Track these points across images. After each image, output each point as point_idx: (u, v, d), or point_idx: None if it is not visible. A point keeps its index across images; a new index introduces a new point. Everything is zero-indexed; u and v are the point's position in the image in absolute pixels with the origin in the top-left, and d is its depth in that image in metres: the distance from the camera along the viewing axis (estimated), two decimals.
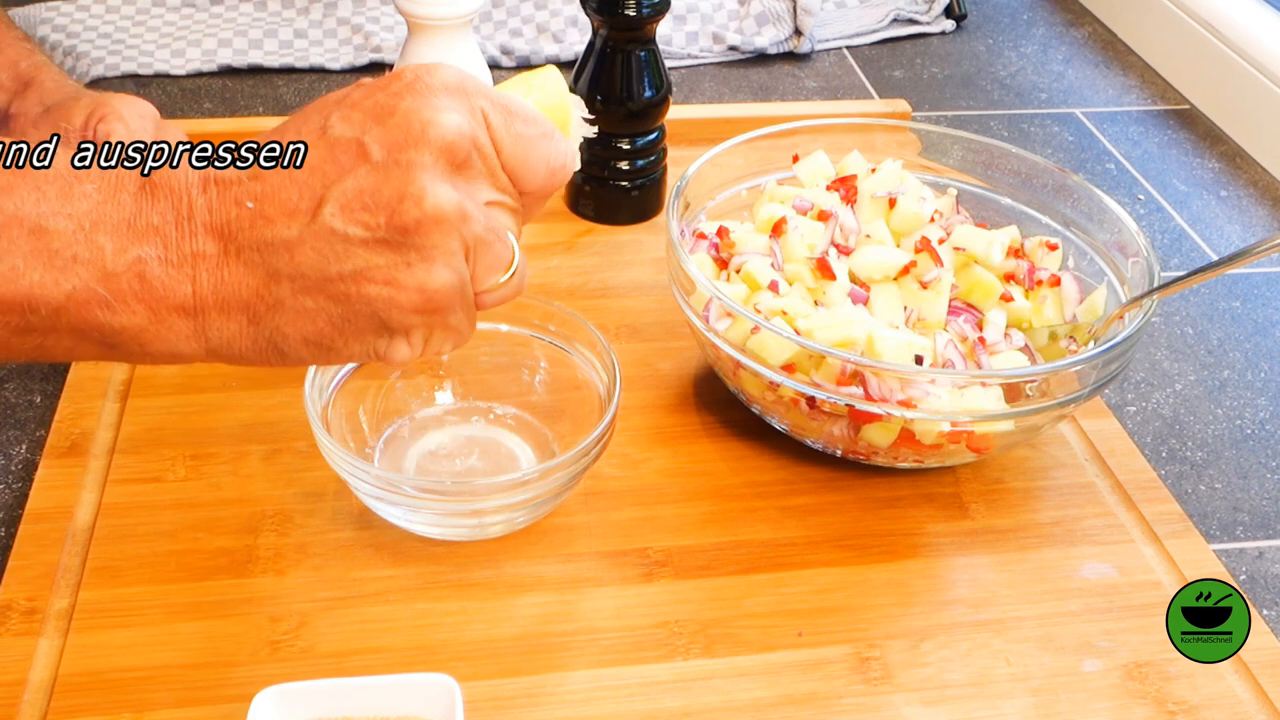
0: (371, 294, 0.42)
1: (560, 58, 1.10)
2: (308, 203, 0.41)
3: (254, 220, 0.41)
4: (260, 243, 0.41)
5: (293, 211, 0.41)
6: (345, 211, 0.41)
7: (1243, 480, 0.72)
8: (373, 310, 0.42)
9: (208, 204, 0.41)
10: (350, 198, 0.41)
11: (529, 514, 0.60)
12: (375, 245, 0.41)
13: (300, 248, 0.41)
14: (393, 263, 0.41)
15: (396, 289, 0.42)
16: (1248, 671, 0.57)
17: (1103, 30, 1.26)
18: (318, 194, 0.41)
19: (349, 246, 0.41)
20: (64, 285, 0.40)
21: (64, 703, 0.53)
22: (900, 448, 0.63)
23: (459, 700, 0.50)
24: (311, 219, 0.41)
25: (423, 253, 0.42)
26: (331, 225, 0.41)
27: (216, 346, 0.43)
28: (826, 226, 0.70)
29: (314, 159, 0.42)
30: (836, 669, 0.56)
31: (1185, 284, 0.64)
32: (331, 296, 0.42)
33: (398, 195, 0.41)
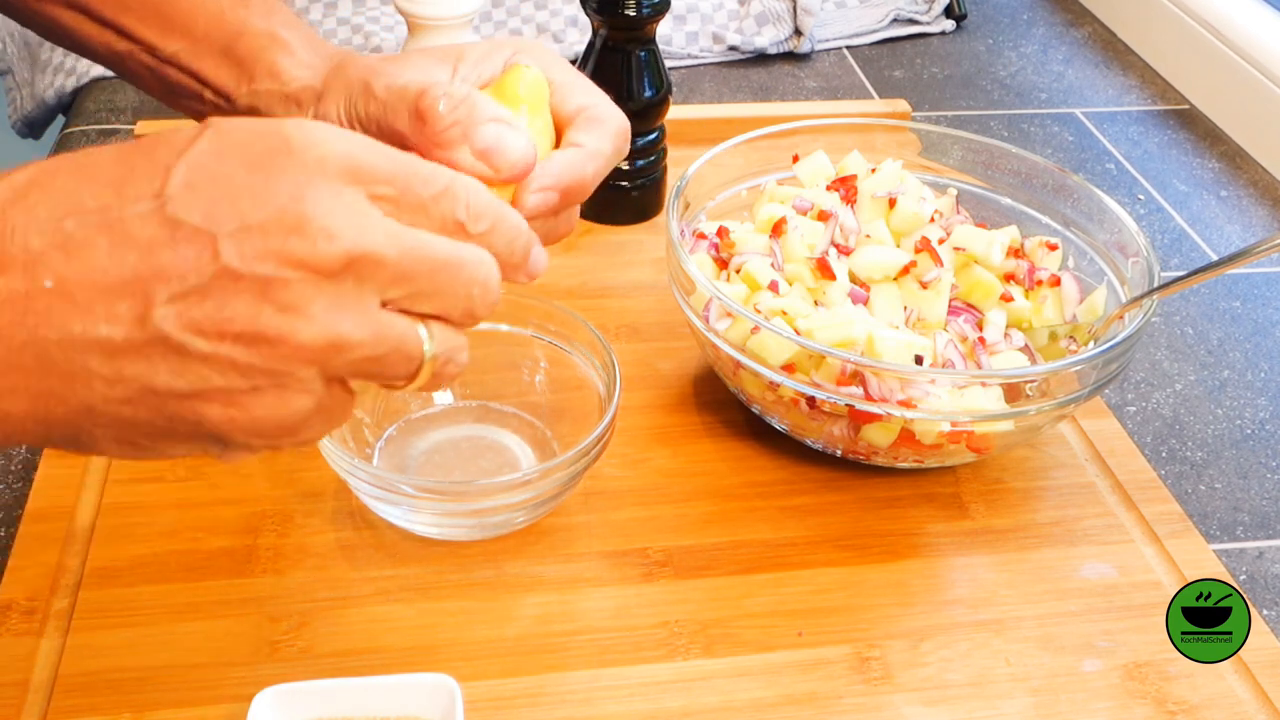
0: (207, 414, 0.35)
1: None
2: (135, 298, 0.33)
3: (54, 305, 0.33)
4: (63, 335, 0.33)
5: (112, 303, 0.33)
6: (186, 322, 0.33)
7: (1243, 480, 0.72)
8: (199, 431, 0.35)
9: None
10: (193, 304, 0.33)
11: (529, 514, 0.60)
12: (219, 364, 0.34)
13: (122, 355, 0.33)
14: (237, 386, 0.34)
15: (238, 412, 0.35)
16: (1248, 671, 0.57)
17: (1103, 30, 1.26)
18: (147, 289, 0.33)
19: (186, 362, 0.34)
20: None
21: (64, 703, 0.53)
22: (900, 448, 0.63)
23: (459, 700, 0.50)
24: (139, 321, 0.33)
25: (276, 379, 0.35)
26: (165, 331, 0.33)
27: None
28: (826, 226, 0.70)
29: (146, 238, 0.33)
30: (836, 669, 0.56)
31: (1185, 284, 0.64)
32: (156, 410, 0.35)
33: (252, 315, 0.33)
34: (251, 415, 0.35)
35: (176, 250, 0.33)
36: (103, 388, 0.34)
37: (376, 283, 0.35)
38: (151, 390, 0.34)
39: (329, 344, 0.35)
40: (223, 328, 0.33)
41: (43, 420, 0.34)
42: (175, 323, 0.33)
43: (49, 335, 0.33)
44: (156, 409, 0.35)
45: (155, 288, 0.33)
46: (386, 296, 0.36)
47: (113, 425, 0.35)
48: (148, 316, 0.33)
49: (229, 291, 0.33)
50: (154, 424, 0.35)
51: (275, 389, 0.35)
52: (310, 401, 0.36)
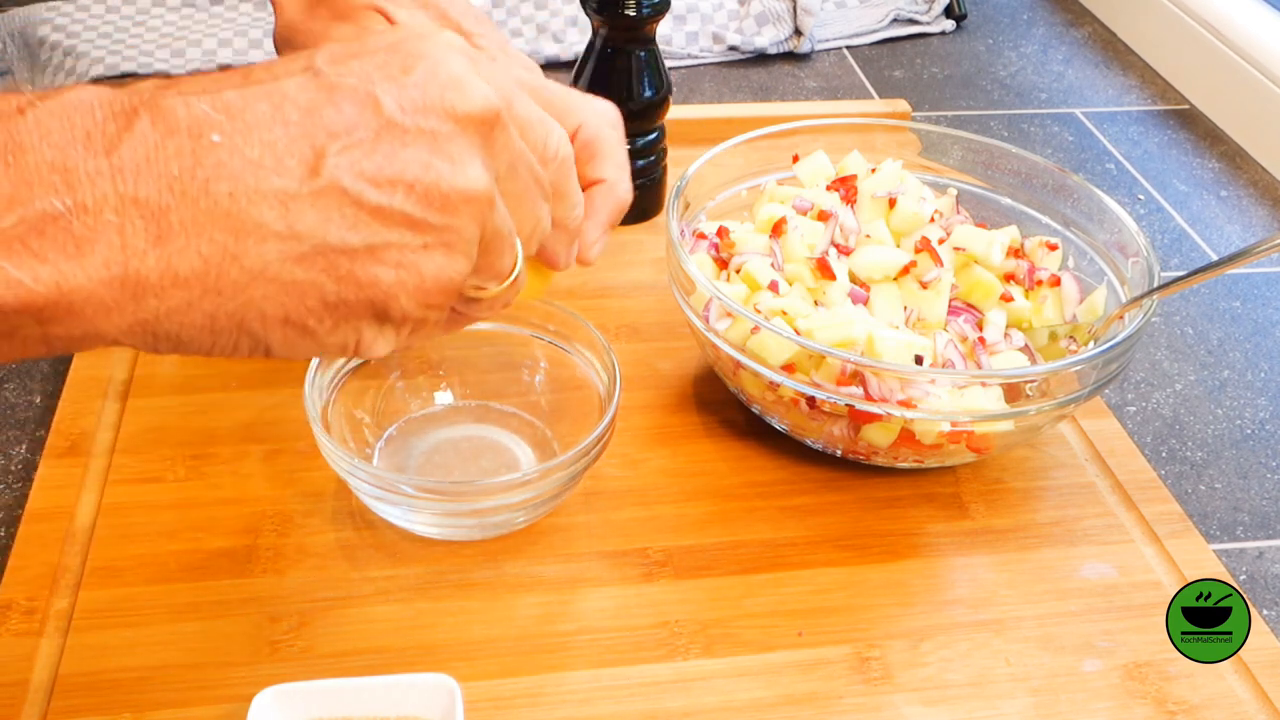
0: (380, 277, 0.34)
1: (560, 58, 1.10)
2: (302, 150, 0.33)
3: (225, 155, 0.32)
4: (237, 183, 0.32)
5: (281, 156, 0.33)
6: (359, 170, 0.33)
7: (1243, 480, 0.72)
8: (373, 296, 0.35)
9: (142, 137, 0.32)
10: (364, 154, 0.33)
11: (529, 514, 0.60)
12: (392, 218, 0.34)
13: (296, 204, 0.33)
14: (408, 243, 0.34)
15: (409, 273, 0.35)
16: (1248, 671, 0.57)
17: (1103, 30, 1.26)
18: (316, 142, 0.33)
19: (360, 214, 0.33)
20: None
21: (64, 703, 0.53)
22: (900, 448, 0.63)
23: (459, 700, 0.50)
24: (311, 171, 0.33)
25: (443, 237, 0.35)
26: (338, 180, 0.33)
27: (150, 322, 0.33)
28: (826, 226, 0.70)
29: (306, 99, 0.33)
30: (836, 669, 0.56)
31: (1185, 284, 0.64)
32: (329, 270, 0.34)
33: (424, 163, 0.34)
34: (421, 275, 0.35)
35: (339, 109, 0.33)
36: (276, 244, 0.33)
37: (508, 160, 0.36)
38: (325, 247, 0.33)
39: (488, 193, 0.35)
40: (395, 178, 0.33)
41: (213, 288, 0.33)
42: (348, 172, 0.33)
43: (221, 188, 0.32)
44: (329, 268, 0.34)
45: (325, 142, 0.33)
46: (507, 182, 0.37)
47: (283, 294, 0.34)
48: (319, 167, 0.33)
49: (398, 143, 0.33)
50: (324, 291, 0.34)
51: (443, 247, 0.35)
52: (466, 270, 0.36)
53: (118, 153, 0.31)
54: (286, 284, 0.34)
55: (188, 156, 0.32)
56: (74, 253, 0.31)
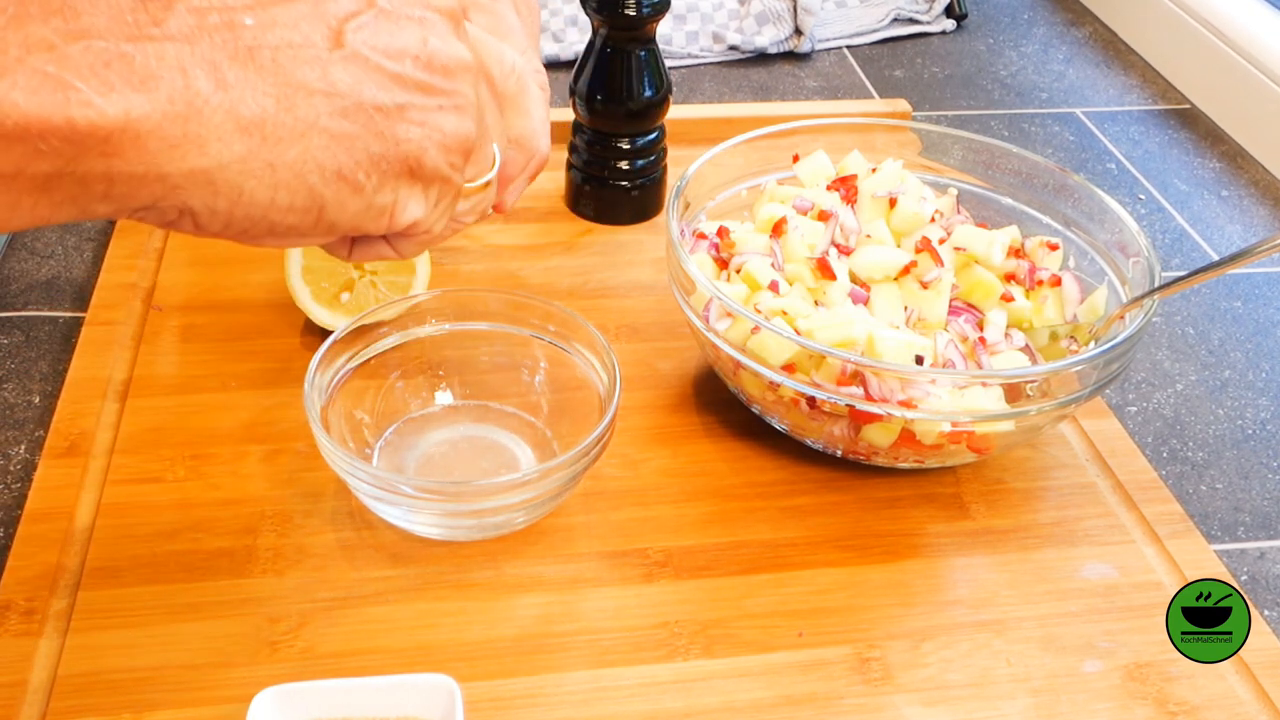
0: (410, 134, 0.39)
1: (560, 57, 1.10)
2: (321, 29, 0.37)
3: (261, 32, 0.36)
4: (279, 49, 0.36)
5: (307, 33, 0.37)
6: (369, 44, 0.37)
7: (1244, 480, 0.72)
8: (406, 151, 0.39)
9: (183, 16, 0.34)
10: (372, 32, 0.38)
11: (529, 514, 0.60)
12: (409, 83, 0.38)
13: (332, 66, 0.37)
14: (425, 104, 0.39)
15: (432, 130, 0.39)
16: (1248, 672, 0.57)
17: (1103, 30, 1.26)
18: (331, 23, 0.37)
19: (384, 77, 0.38)
20: (16, 82, 0.32)
21: (64, 703, 0.53)
22: (900, 448, 0.63)
23: (459, 700, 0.50)
24: (335, 43, 0.37)
25: (452, 99, 0.40)
26: (361, 52, 0.37)
27: (213, 168, 0.35)
28: (827, 226, 0.70)
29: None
30: (837, 669, 0.56)
31: (1186, 284, 0.64)
32: (370, 126, 0.38)
33: (421, 39, 0.39)
34: (442, 130, 0.40)
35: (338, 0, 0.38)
36: (323, 99, 0.37)
37: (483, 48, 0.43)
38: (362, 102, 0.37)
39: (479, 65, 0.41)
40: (402, 51, 0.38)
41: (272, 136, 0.36)
42: (364, 45, 0.37)
43: (264, 54, 0.35)
44: (368, 124, 0.38)
45: (338, 23, 0.37)
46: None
47: (335, 144, 0.37)
48: (341, 39, 0.37)
49: (395, 25, 0.38)
50: (369, 145, 0.38)
51: (454, 109, 0.40)
52: (475, 128, 0.41)
53: (165, 25, 0.34)
54: (336, 135, 0.37)
55: (227, 31, 0.35)
56: (139, 85, 0.33)
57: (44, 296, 0.79)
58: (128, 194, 0.35)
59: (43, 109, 0.32)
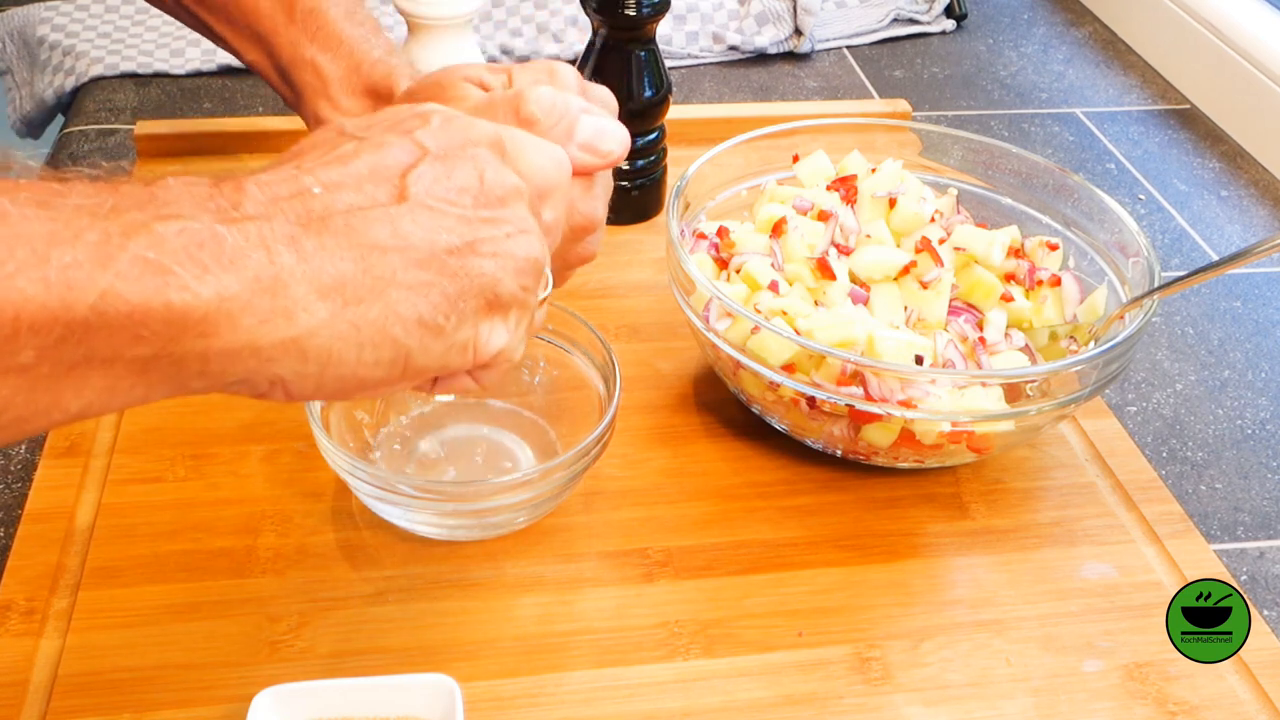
0: (484, 268, 0.40)
1: (560, 57, 1.10)
2: (388, 186, 0.39)
3: (330, 198, 0.38)
4: (349, 216, 0.38)
5: (372, 194, 0.39)
6: (433, 191, 0.39)
7: (1243, 480, 0.72)
8: (483, 285, 0.40)
9: (255, 195, 0.37)
10: (431, 180, 0.39)
11: (529, 514, 0.60)
12: (474, 220, 0.40)
13: (401, 220, 0.38)
14: (496, 235, 0.40)
15: (505, 259, 0.41)
16: (1248, 672, 0.57)
17: (1103, 30, 1.26)
18: (394, 179, 0.39)
19: (449, 220, 0.39)
20: (107, 267, 0.33)
21: (64, 703, 0.53)
22: (900, 448, 0.63)
23: (459, 700, 0.50)
24: (399, 197, 0.39)
25: (517, 225, 0.41)
26: (425, 202, 0.39)
27: (303, 335, 0.36)
28: (826, 226, 0.70)
29: (366, 155, 0.40)
30: (837, 669, 0.56)
31: (1186, 284, 0.64)
32: (444, 270, 0.39)
33: (477, 175, 0.40)
34: (514, 256, 0.41)
35: (394, 153, 0.40)
36: (397, 255, 0.38)
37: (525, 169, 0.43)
38: (435, 248, 0.39)
39: (534, 190, 0.43)
40: (461, 189, 0.40)
41: (354, 298, 0.37)
42: (426, 193, 0.39)
43: (337, 220, 0.37)
44: (443, 268, 0.39)
45: (397, 176, 0.39)
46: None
47: (413, 295, 0.39)
48: (404, 193, 0.39)
49: (449, 167, 0.40)
50: (445, 288, 0.39)
51: (521, 233, 0.41)
52: (544, 248, 0.42)
53: (242, 207, 0.36)
54: (414, 286, 0.39)
55: (299, 204, 0.37)
56: (229, 265, 0.35)
57: None
58: (222, 370, 0.36)
59: (144, 295, 0.33)
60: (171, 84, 1.05)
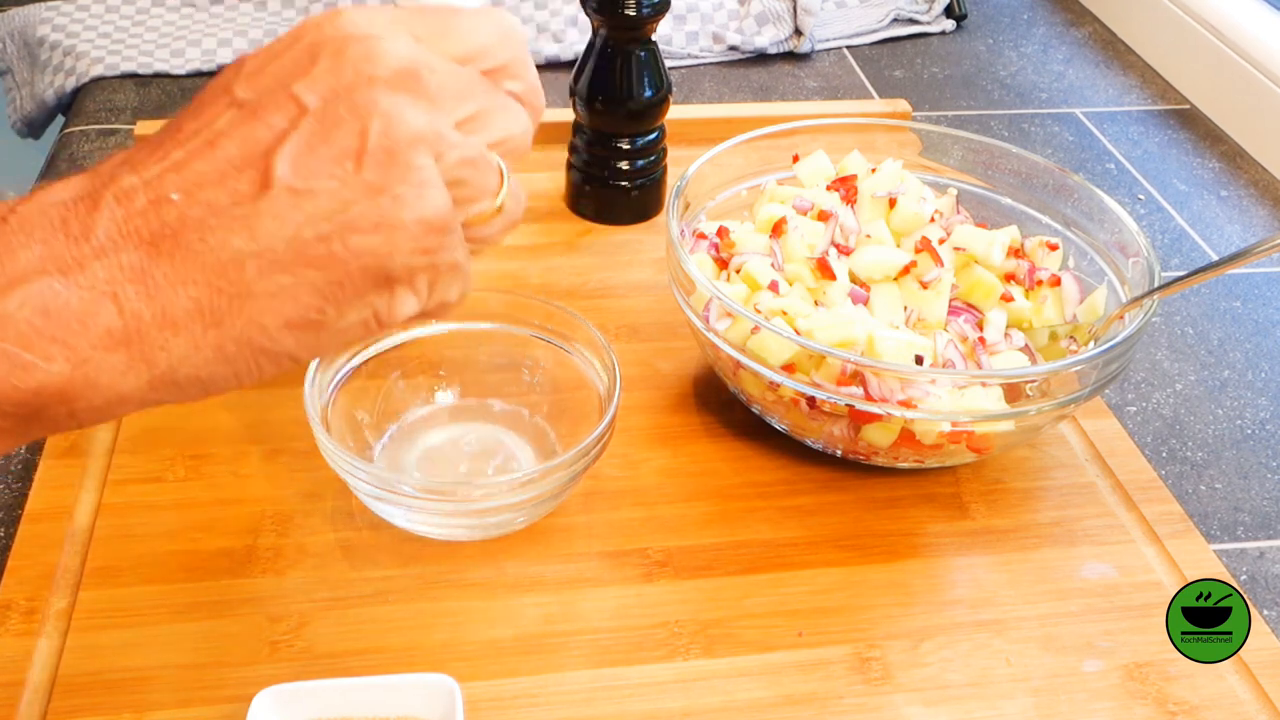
0: (363, 246, 0.35)
1: (560, 58, 1.10)
2: (251, 173, 0.35)
3: (186, 206, 0.34)
4: (203, 226, 0.34)
5: (234, 185, 0.35)
6: (302, 167, 0.35)
7: (1243, 480, 0.72)
8: (366, 264, 0.36)
9: (110, 214, 0.34)
10: (302, 150, 0.35)
11: (529, 514, 0.60)
12: (351, 191, 0.35)
13: (259, 219, 0.34)
14: (378, 205, 0.35)
15: (391, 230, 0.36)
16: (1248, 672, 0.57)
17: (1103, 30, 1.26)
18: (259, 161, 0.35)
19: (318, 201, 0.35)
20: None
21: (64, 703, 0.53)
22: (900, 448, 0.63)
23: (459, 700, 0.50)
24: (262, 186, 0.35)
25: (408, 181, 0.35)
26: (291, 185, 0.35)
27: (167, 373, 0.35)
28: (826, 226, 0.70)
29: (237, 128, 0.35)
30: (836, 669, 0.56)
31: (1185, 284, 0.64)
32: (313, 263, 0.35)
33: (359, 130, 0.35)
34: (402, 223, 0.36)
35: (268, 122, 0.35)
36: (253, 262, 0.35)
37: (445, 97, 0.37)
38: (296, 243, 0.35)
39: (433, 130, 0.36)
40: (339, 158, 0.35)
41: (211, 322, 0.35)
42: (293, 172, 0.35)
43: (190, 236, 0.34)
44: (309, 261, 0.35)
45: (264, 157, 0.35)
46: (455, 116, 0.37)
47: (274, 301, 0.35)
48: (268, 179, 0.34)
49: (330, 127, 0.35)
50: (314, 282, 0.35)
51: (415, 191, 0.36)
52: (446, 199, 0.37)
53: (94, 233, 0.34)
54: (274, 292, 0.35)
55: (154, 218, 0.34)
56: (78, 330, 0.33)
57: None
58: (99, 418, 0.35)
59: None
60: (171, 84, 1.05)
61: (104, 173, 0.36)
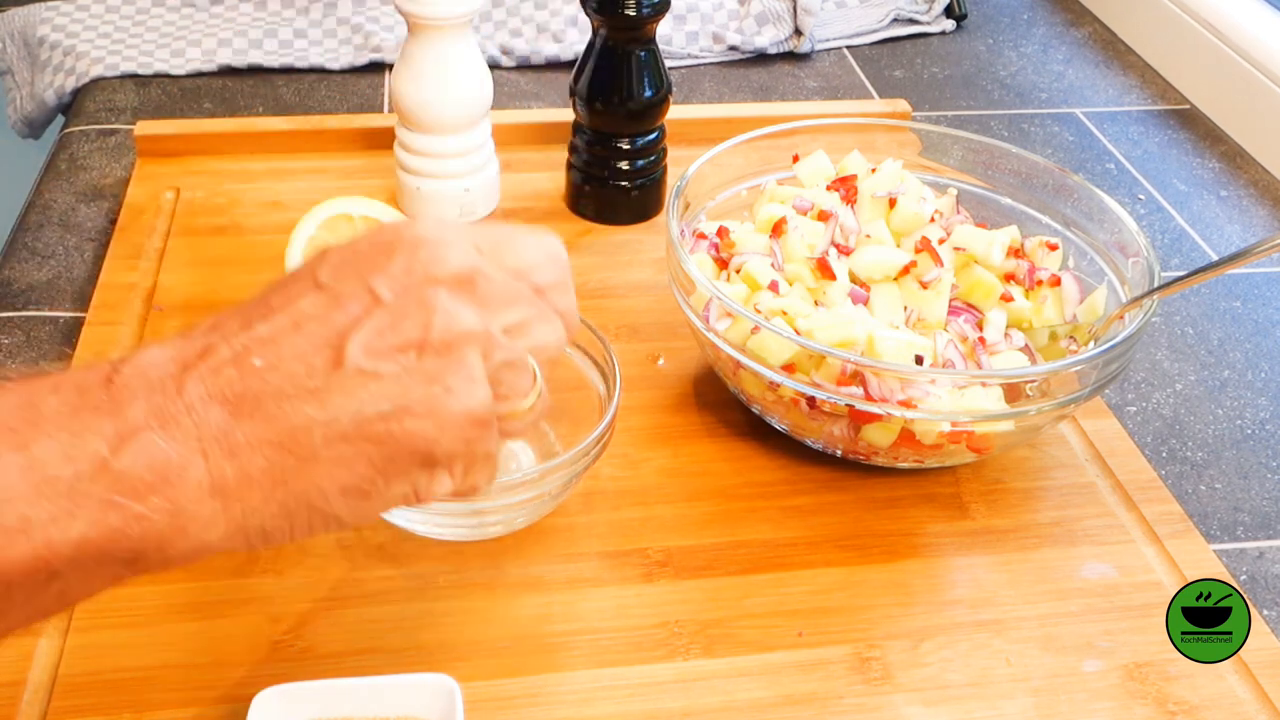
0: (415, 429, 0.40)
1: (560, 58, 1.10)
2: (327, 351, 0.39)
3: (266, 375, 0.39)
4: (280, 394, 0.39)
5: (310, 361, 0.39)
6: (371, 351, 0.39)
7: (1243, 480, 0.72)
8: (416, 445, 0.40)
9: (199, 376, 0.38)
10: (373, 336, 0.39)
11: (529, 514, 0.60)
12: (410, 378, 0.39)
13: (329, 394, 0.39)
14: (432, 393, 0.40)
15: (441, 417, 0.40)
16: (1248, 672, 0.57)
17: (1103, 30, 1.26)
18: (334, 341, 0.39)
19: (383, 384, 0.39)
20: (77, 515, 0.36)
21: (64, 703, 0.53)
22: (900, 448, 0.63)
23: (459, 700, 0.50)
24: (334, 364, 0.39)
25: (459, 375, 0.40)
26: (360, 366, 0.39)
27: (241, 523, 0.39)
28: (826, 226, 0.70)
29: (318, 311, 0.40)
30: (836, 669, 0.56)
31: (1185, 284, 0.64)
32: (371, 438, 0.39)
33: (423, 324, 0.40)
34: (450, 413, 0.40)
35: (346, 309, 0.40)
36: (321, 430, 0.38)
37: (495, 303, 0.42)
38: (361, 419, 0.39)
39: (485, 331, 0.41)
40: (404, 346, 0.39)
41: (279, 480, 0.39)
42: (364, 355, 0.39)
43: (269, 404, 0.38)
44: (370, 436, 0.39)
45: (340, 340, 0.39)
46: (503, 320, 0.42)
47: (335, 468, 0.39)
48: (341, 359, 0.39)
49: (398, 318, 0.39)
50: (371, 456, 0.39)
51: (464, 386, 0.40)
52: (485, 393, 0.41)
53: (185, 391, 0.38)
54: (336, 459, 0.39)
55: (238, 383, 0.38)
56: (177, 481, 0.37)
57: (44, 296, 0.79)
58: (182, 563, 0.39)
59: (105, 535, 0.37)
60: (171, 84, 1.05)
61: (196, 338, 0.40)
